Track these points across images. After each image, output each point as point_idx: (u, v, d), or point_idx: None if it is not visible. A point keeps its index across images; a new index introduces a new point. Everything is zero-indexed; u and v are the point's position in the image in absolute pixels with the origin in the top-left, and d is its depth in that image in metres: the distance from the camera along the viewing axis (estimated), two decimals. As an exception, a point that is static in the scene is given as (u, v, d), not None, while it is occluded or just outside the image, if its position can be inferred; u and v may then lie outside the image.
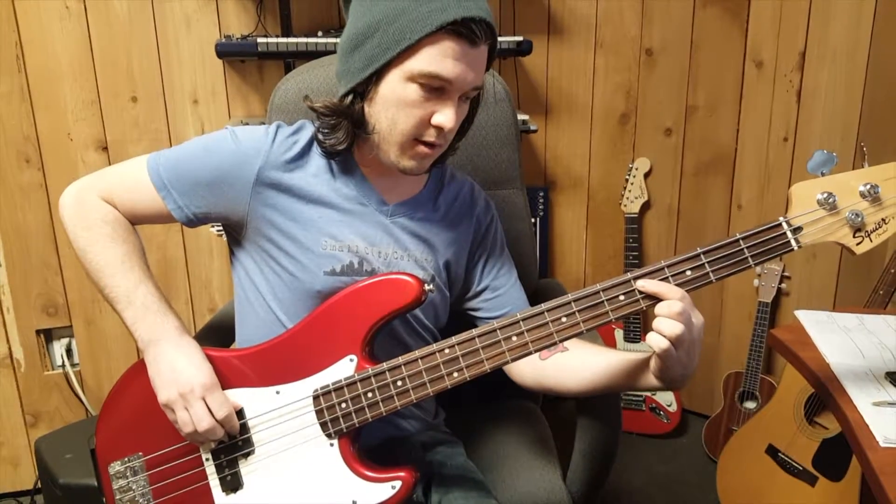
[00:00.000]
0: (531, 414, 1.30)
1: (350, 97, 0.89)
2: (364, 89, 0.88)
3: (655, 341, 0.77)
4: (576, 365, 0.94)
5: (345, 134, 0.91)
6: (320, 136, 0.93)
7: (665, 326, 0.76)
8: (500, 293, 1.05)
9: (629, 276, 0.80)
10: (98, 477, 1.30)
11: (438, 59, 0.83)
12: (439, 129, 0.87)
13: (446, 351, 0.84)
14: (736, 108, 1.99)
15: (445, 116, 0.86)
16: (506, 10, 1.95)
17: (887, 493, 0.74)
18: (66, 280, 1.81)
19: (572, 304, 0.81)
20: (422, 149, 0.89)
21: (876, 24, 1.72)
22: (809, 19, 1.82)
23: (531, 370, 0.98)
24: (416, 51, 0.83)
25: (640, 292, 0.79)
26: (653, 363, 0.82)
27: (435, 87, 0.85)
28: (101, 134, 1.77)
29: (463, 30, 0.82)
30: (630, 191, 2.08)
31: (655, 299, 0.79)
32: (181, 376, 0.87)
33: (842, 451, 1.54)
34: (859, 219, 0.79)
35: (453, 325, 0.97)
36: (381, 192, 0.97)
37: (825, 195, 0.79)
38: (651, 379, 0.84)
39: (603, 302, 0.81)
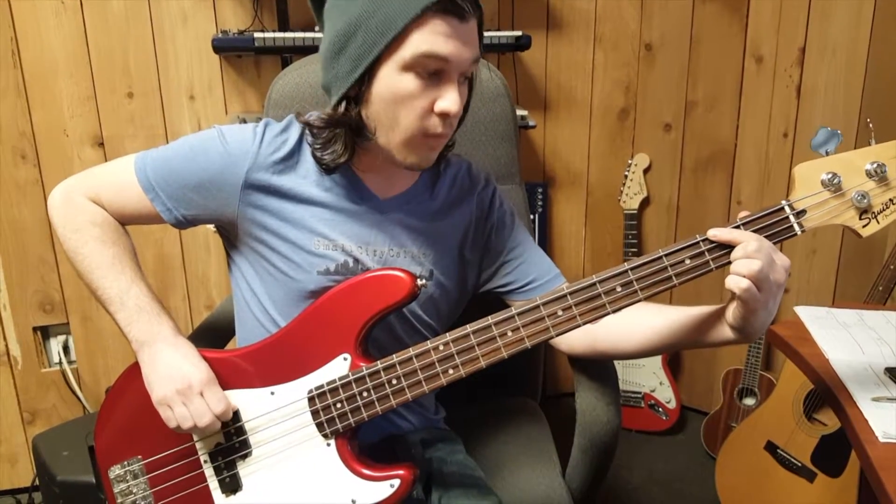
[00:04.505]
0: (531, 411, 1.30)
1: (343, 104, 0.85)
2: (357, 92, 0.84)
3: (734, 282, 0.74)
4: (634, 324, 0.91)
5: (343, 146, 0.87)
6: (318, 154, 0.89)
7: (742, 266, 0.73)
8: (521, 261, 1.02)
9: (626, 266, 0.79)
10: (96, 474, 1.29)
11: (430, 39, 0.79)
12: (444, 115, 0.83)
13: (441, 348, 0.83)
14: (736, 103, 1.98)
15: (449, 101, 0.82)
16: (504, 5, 1.94)
17: (886, 489, 0.73)
18: (62, 277, 1.81)
19: (568, 297, 0.80)
20: (430, 141, 0.85)
21: (876, 19, 1.72)
22: (809, 14, 1.81)
23: (582, 337, 0.94)
24: (404, 38, 0.79)
25: (711, 242, 0.76)
26: (731, 312, 0.78)
27: (432, 73, 0.81)
28: (97, 130, 1.76)
29: (449, 6, 0.78)
30: (629, 187, 2.07)
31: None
32: (178, 373, 0.86)
33: (840, 447, 1.54)
34: (865, 200, 0.75)
35: (468, 320, 0.91)
36: (373, 189, 0.94)
37: (830, 175, 0.76)
38: (725, 331, 0.81)
39: (600, 294, 0.79)
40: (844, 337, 1.05)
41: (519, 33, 1.78)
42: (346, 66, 0.83)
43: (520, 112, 1.79)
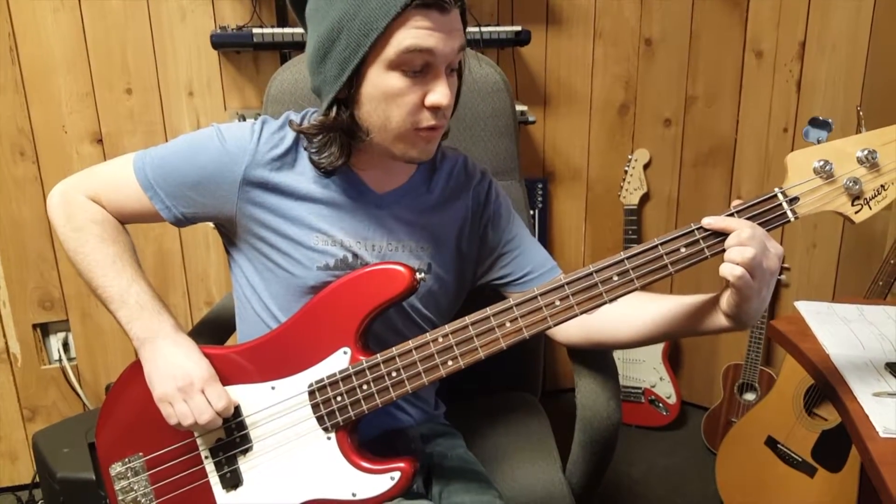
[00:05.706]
0: (530, 406, 1.30)
1: (335, 108, 0.85)
2: (346, 95, 0.84)
3: (728, 270, 0.75)
4: (629, 314, 0.92)
5: (339, 149, 0.88)
6: (314, 159, 0.90)
7: (735, 253, 0.74)
8: (517, 253, 1.03)
9: (622, 255, 0.79)
10: (97, 471, 1.29)
11: (413, 34, 0.78)
12: (435, 108, 0.83)
13: (440, 340, 0.83)
14: (736, 98, 1.98)
15: (439, 94, 0.82)
16: (504, 0, 1.94)
17: (887, 484, 0.73)
18: (62, 274, 1.81)
19: (566, 287, 0.81)
20: (424, 134, 0.85)
21: (876, 14, 1.71)
22: (809, 9, 1.81)
23: (578, 326, 0.95)
24: (387, 38, 0.79)
25: (705, 230, 0.77)
26: (725, 299, 0.79)
27: (419, 69, 0.81)
28: (95, 126, 1.76)
29: (429, 0, 0.78)
30: (629, 182, 2.07)
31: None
32: (179, 370, 0.87)
33: (841, 442, 1.54)
34: (857, 186, 0.76)
35: (467, 314, 0.91)
36: (370, 184, 0.95)
37: (821, 163, 0.77)
38: (720, 319, 0.82)
39: (597, 283, 0.80)
40: (845, 332, 1.05)
41: (518, 28, 1.77)
42: (333, 71, 0.83)
43: (519, 107, 1.78)
